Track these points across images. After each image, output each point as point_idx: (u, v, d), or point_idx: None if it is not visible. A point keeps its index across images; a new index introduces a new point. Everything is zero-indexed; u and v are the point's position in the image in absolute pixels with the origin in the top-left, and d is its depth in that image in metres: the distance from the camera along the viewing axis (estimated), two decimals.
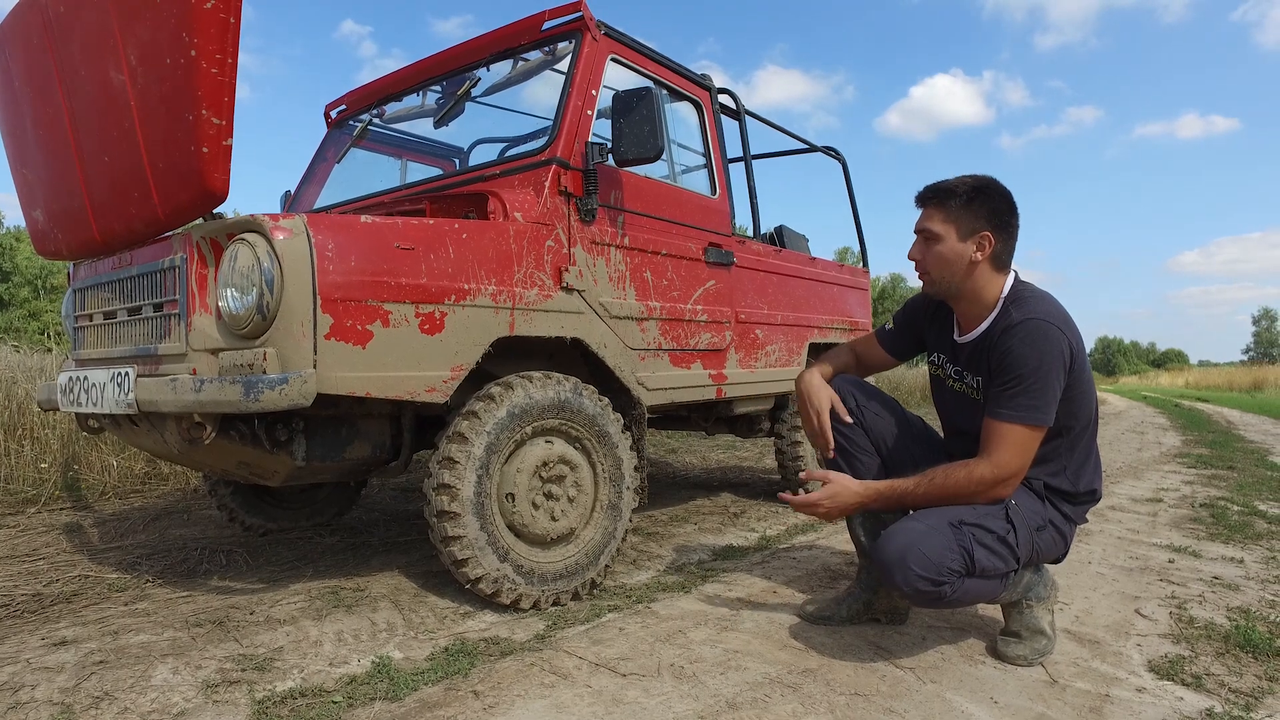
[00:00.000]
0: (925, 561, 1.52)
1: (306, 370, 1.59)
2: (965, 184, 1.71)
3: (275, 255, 1.59)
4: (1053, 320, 1.64)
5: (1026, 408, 1.59)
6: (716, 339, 2.75)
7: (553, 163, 2.12)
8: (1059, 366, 1.61)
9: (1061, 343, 1.63)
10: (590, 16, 2.35)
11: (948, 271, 1.73)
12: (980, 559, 1.58)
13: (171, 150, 1.63)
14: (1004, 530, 1.63)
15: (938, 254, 1.73)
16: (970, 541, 1.58)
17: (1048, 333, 1.62)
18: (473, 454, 1.89)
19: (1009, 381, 1.62)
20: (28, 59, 1.97)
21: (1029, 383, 1.60)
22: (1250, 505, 3.91)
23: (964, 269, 1.71)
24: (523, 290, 1.99)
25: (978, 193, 1.69)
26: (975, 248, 1.70)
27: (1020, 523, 1.66)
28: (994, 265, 1.71)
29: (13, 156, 2.25)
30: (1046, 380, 1.60)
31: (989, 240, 1.69)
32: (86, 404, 1.95)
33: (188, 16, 1.51)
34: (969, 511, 1.62)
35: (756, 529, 3.05)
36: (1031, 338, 1.61)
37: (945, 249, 1.71)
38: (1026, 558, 1.68)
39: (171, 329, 1.80)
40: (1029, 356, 1.60)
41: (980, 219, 1.69)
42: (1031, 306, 1.67)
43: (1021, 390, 1.60)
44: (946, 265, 1.72)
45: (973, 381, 1.78)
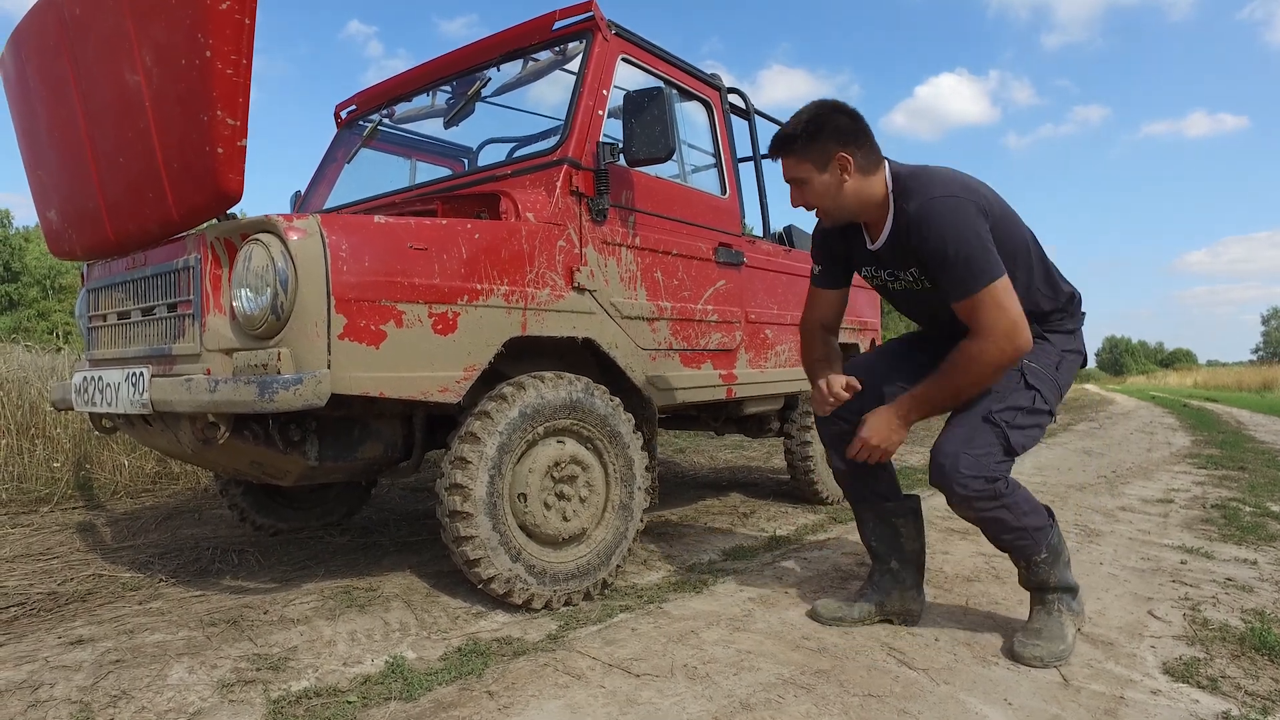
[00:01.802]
0: (972, 463, 1.64)
1: (321, 371, 1.60)
2: (800, 122, 1.75)
3: (289, 255, 1.59)
4: (943, 193, 1.68)
5: (976, 274, 1.63)
6: (727, 339, 2.75)
7: (564, 163, 2.12)
8: (976, 226, 1.64)
9: (963, 206, 1.66)
10: (601, 16, 2.35)
11: (830, 202, 1.79)
12: (1016, 440, 1.69)
13: (186, 151, 1.64)
14: (1029, 399, 1.72)
15: (812, 192, 1.79)
16: (1003, 427, 1.68)
17: (944, 209, 1.66)
18: (485, 454, 1.90)
19: (944, 265, 1.66)
20: (43, 61, 1.98)
21: (961, 256, 1.63)
22: (1262, 506, 3.89)
23: (840, 192, 1.76)
24: (535, 290, 1.99)
25: (814, 124, 1.74)
26: (839, 170, 1.75)
27: (1040, 380, 1.75)
28: (864, 174, 1.76)
29: (28, 158, 2.26)
30: (971, 245, 1.63)
31: (847, 160, 1.73)
32: (101, 404, 1.96)
33: (203, 17, 1.52)
34: (994, 399, 1.70)
35: (766, 529, 3.05)
36: (933, 222, 1.66)
37: (814, 185, 1.78)
38: (1060, 398, 1.79)
39: (186, 329, 1.80)
40: (945, 237, 1.64)
41: (829, 144, 1.74)
42: (917, 191, 1.72)
43: (960, 265, 1.64)
44: (825, 198, 1.78)
45: (908, 275, 1.82)
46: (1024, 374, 1.75)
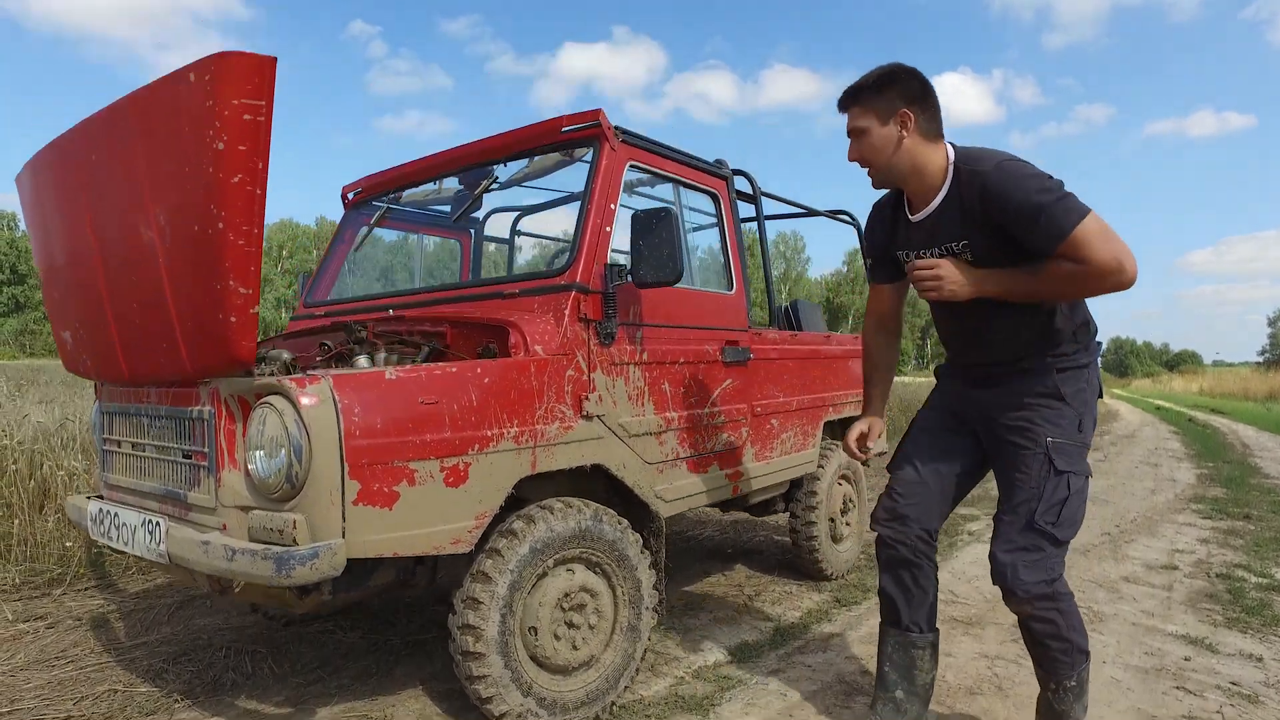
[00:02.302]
0: (1029, 569, 1.75)
1: (336, 541, 1.62)
2: (872, 75, 1.80)
3: (303, 424, 1.62)
4: (1014, 159, 1.72)
5: (1071, 210, 1.61)
6: (734, 437, 2.77)
7: (572, 289, 2.14)
8: (1052, 178, 1.66)
9: (1036, 168, 1.68)
10: (608, 125, 2.36)
11: (883, 157, 1.81)
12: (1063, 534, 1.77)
13: (200, 314, 1.66)
14: (1064, 488, 1.76)
15: (869, 144, 1.81)
16: (1048, 529, 1.76)
17: (1021, 166, 1.69)
18: (497, 593, 1.92)
19: (1037, 210, 1.63)
20: (60, 194, 2.01)
21: (1053, 195, 1.63)
22: (1268, 574, 3.89)
23: (895, 148, 1.79)
24: (544, 426, 2.01)
25: (886, 78, 1.79)
26: (899, 126, 1.78)
27: (1068, 457, 1.78)
28: (925, 136, 1.79)
29: (44, 274, 2.29)
30: (1059, 184, 1.65)
31: (910, 116, 1.77)
32: (118, 542, 1.99)
33: (216, 190, 1.54)
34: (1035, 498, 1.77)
35: (772, 616, 3.06)
36: (1018, 170, 1.68)
37: (874, 137, 1.80)
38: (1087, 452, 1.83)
39: (200, 479, 1.83)
40: (1032, 181, 1.65)
41: (895, 99, 1.77)
42: (987, 158, 1.74)
43: (1055, 203, 1.62)
44: (879, 152, 1.81)
45: (945, 249, 1.82)
46: (1051, 460, 1.78)
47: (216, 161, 1.50)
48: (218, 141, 1.49)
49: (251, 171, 1.52)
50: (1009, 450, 1.86)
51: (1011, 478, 1.85)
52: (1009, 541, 1.78)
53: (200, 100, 1.49)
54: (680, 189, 2.75)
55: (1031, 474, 1.79)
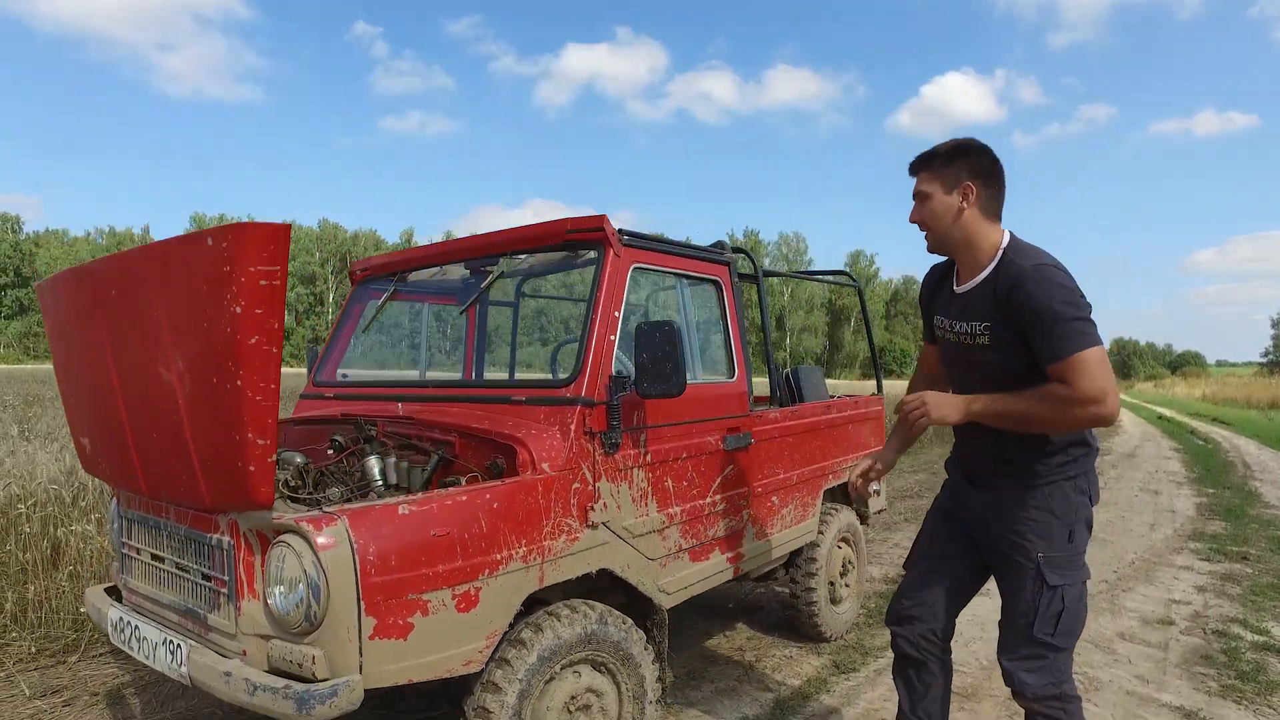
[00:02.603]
0: (1037, 679, 1.86)
1: (354, 677, 1.68)
2: (946, 145, 1.92)
3: (320, 565, 1.68)
4: (1057, 264, 1.80)
5: (1081, 334, 1.70)
6: (734, 521, 2.82)
7: (578, 403, 2.19)
8: (1082, 298, 1.75)
9: (1073, 281, 1.77)
10: (612, 232, 2.42)
11: (941, 223, 1.92)
12: (1063, 642, 1.85)
13: (219, 456, 1.72)
14: (1059, 601, 1.85)
15: (930, 209, 1.92)
16: (1049, 640, 1.85)
17: (1058, 275, 1.76)
18: (506, 702, 1.98)
19: (1054, 319, 1.71)
20: (81, 320, 2.07)
21: (1073, 313, 1.71)
22: (1264, 630, 3.95)
23: (954, 217, 1.89)
24: (551, 542, 2.07)
25: (957, 150, 1.90)
26: (961, 197, 1.88)
27: (1059, 570, 1.86)
28: (984, 213, 1.88)
29: (62, 383, 2.35)
30: (1081, 309, 1.72)
31: (972, 189, 1.87)
32: (138, 654, 2.05)
33: (234, 350, 1.60)
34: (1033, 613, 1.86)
35: (771, 685, 3.12)
36: (1054, 278, 1.75)
37: (935, 203, 1.91)
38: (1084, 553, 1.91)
39: (220, 604, 1.89)
40: (1061, 292, 1.72)
41: (962, 171, 1.88)
42: (1038, 254, 1.82)
43: (1071, 321, 1.70)
44: (939, 218, 1.92)
45: (970, 327, 1.91)
46: (1044, 576, 1.86)
47: (235, 323, 1.56)
48: (235, 305, 1.55)
49: (268, 332, 1.58)
50: (1003, 562, 1.95)
51: (1008, 588, 1.94)
52: (1013, 650, 1.90)
53: (218, 265, 1.56)
54: (683, 281, 2.80)
55: (1026, 589, 1.88)
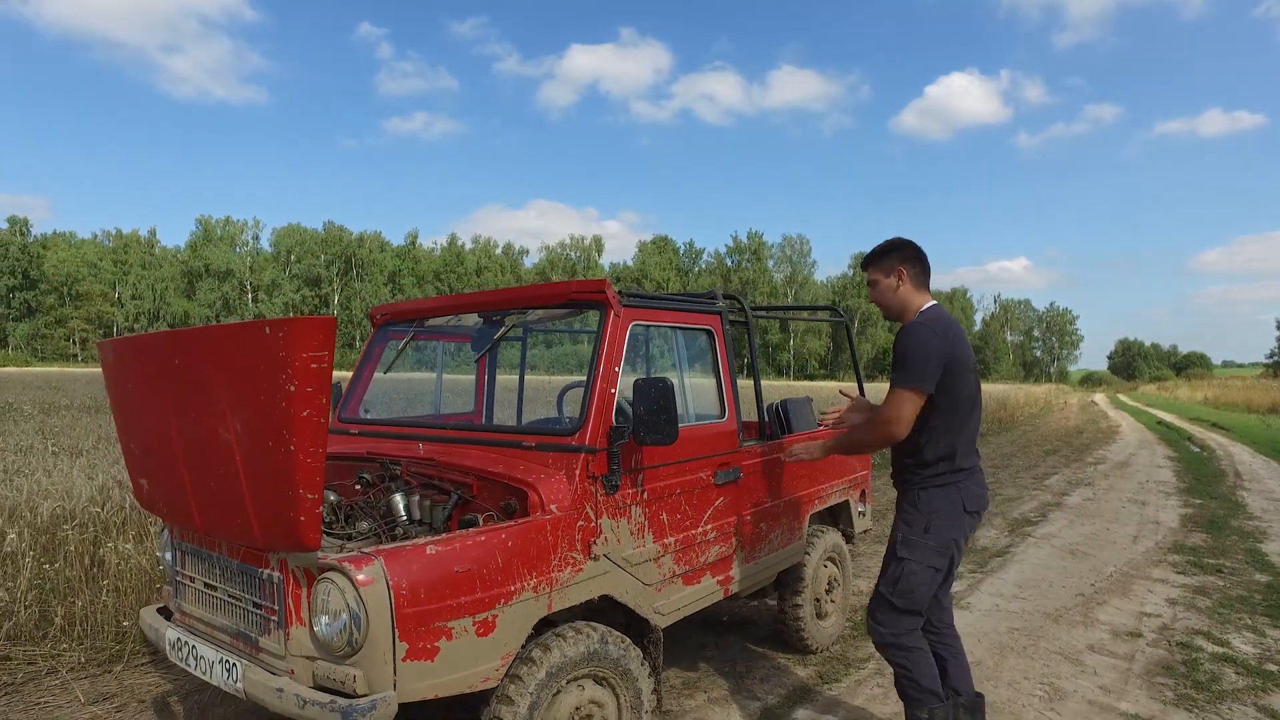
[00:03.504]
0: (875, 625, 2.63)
1: (389, 693, 1.97)
2: (879, 246, 2.73)
3: (360, 599, 1.96)
4: (927, 322, 2.55)
5: (905, 376, 2.48)
6: (724, 548, 3.10)
7: (581, 450, 2.48)
8: (928, 348, 2.48)
9: (929, 335, 2.51)
10: (613, 295, 2.70)
11: (885, 299, 2.71)
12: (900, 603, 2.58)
13: (271, 507, 2.00)
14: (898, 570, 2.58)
15: (879, 291, 2.72)
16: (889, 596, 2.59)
17: (921, 330, 2.53)
18: (519, 713, 2.27)
19: (894, 362, 2.55)
20: (144, 382, 2.36)
21: (903, 360, 2.50)
22: (1225, 641, 4.21)
23: (894, 294, 2.68)
24: (558, 574, 2.36)
25: (888, 247, 2.71)
26: (896, 279, 2.67)
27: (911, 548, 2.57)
28: (914, 285, 2.67)
29: (120, 424, 2.64)
30: (916, 359, 2.47)
31: (902, 271, 2.66)
32: (195, 670, 2.34)
33: (289, 421, 1.88)
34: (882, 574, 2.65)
35: (760, 695, 3.40)
36: (910, 332, 2.54)
37: (882, 286, 2.70)
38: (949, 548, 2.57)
39: (270, 629, 2.18)
40: (905, 343, 2.52)
41: (893, 260, 2.67)
42: (923, 315, 2.60)
43: (899, 365, 2.51)
44: (884, 295, 2.70)
45: None
46: (896, 550, 2.62)
47: (289, 399, 1.85)
48: (290, 385, 1.83)
49: (317, 406, 1.86)
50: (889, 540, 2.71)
51: (884, 562, 2.70)
52: (872, 606, 2.68)
53: (275, 351, 1.84)
54: (678, 331, 3.09)
55: (887, 556, 2.67)
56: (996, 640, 4.13)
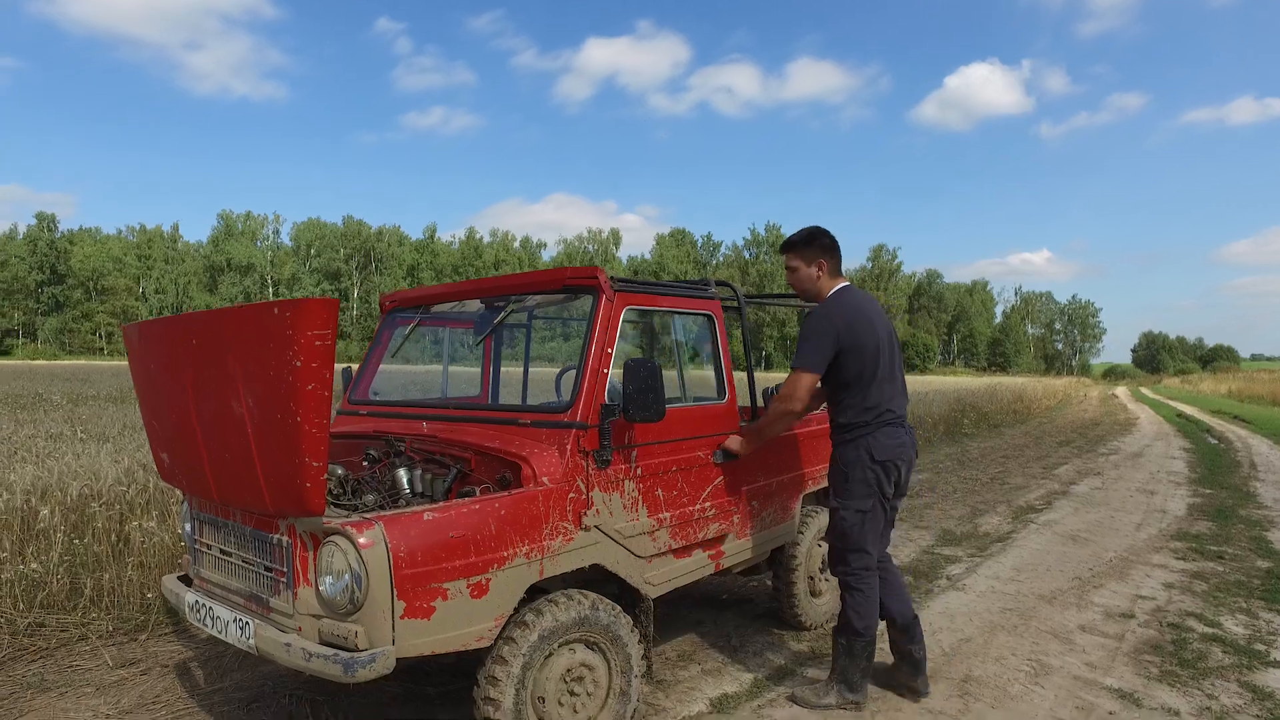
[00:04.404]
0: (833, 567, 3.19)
1: (388, 647, 2.12)
2: (802, 233, 3.11)
3: (362, 560, 2.11)
4: (827, 310, 2.99)
5: (804, 354, 2.95)
6: (723, 526, 3.22)
7: (573, 426, 2.61)
8: (821, 333, 2.94)
9: (823, 321, 2.95)
10: (605, 280, 2.83)
11: (805, 286, 3.14)
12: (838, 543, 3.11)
13: (280, 474, 2.16)
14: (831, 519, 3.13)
15: (799, 277, 3.13)
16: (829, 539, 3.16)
17: (819, 320, 2.97)
18: (512, 672, 2.41)
19: (799, 341, 2.98)
20: (165, 359, 2.52)
21: (800, 345, 2.97)
22: (1216, 623, 4.27)
23: (813, 282, 3.10)
24: (550, 541, 2.50)
25: (810, 236, 3.10)
26: (817, 270, 3.09)
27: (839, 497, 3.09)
28: (830, 274, 3.10)
29: (144, 403, 2.81)
30: (808, 341, 2.94)
31: (823, 263, 3.09)
32: (212, 629, 2.51)
33: (296, 394, 2.03)
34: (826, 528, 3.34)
35: (752, 669, 3.53)
36: (809, 321, 2.98)
37: (802, 274, 3.11)
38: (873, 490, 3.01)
39: (280, 590, 2.34)
40: (804, 330, 2.97)
41: (815, 251, 3.08)
42: (830, 301, 3.04)
43: (797, 349, 2.97)
44: (804, 281, 3.13)
45: None
46: (830, 501, 3.16)
47: (295, 374, 2.00)
48: (296, 360, 1.98)
49: (321, 380, 2.01)
50: None
51: None
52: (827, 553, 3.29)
53: (282, 330, 1.99)
54: (675, 317, 3.21)
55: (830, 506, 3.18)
56: (988, 619, 4.22)
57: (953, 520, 6.90)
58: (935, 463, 10.64)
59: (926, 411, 14.48)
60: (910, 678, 3.22)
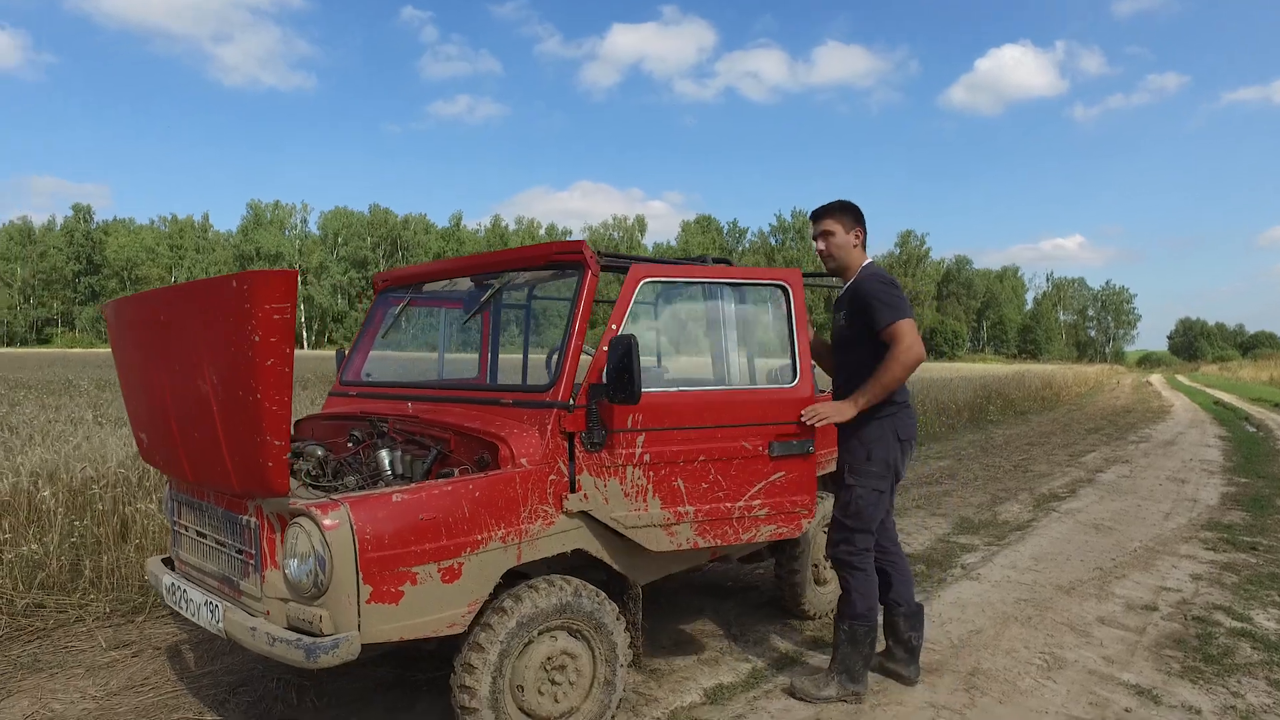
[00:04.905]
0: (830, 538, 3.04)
1: (352, 633, 2.05)
2: (840, 201, 3.00)
3: (326, 543, 2.04)
4: (885, 276, 2.90)
5: (898, 310, 2.79)
6: (779, 528, 2.89)
7: (554, 406, 2.51)
8: (900, 297, 2.84)
9: (894, 288, 2.86)
10: (590, 254, 2.71)
11: (840, 252, 2.99)
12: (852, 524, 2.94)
13: (244, 454, 2.09)
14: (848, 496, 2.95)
15: (835, 242, 2.98)
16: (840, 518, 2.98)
17: (889, 277, 2.91)
18: (489, 660, 2.33)
19: (877, 304, 2.81)
20: (139, 337, 2.47)
21: (888, 298, 2.81)
22: (1246, 617, 4.07)
23: (848, 250, 2.98)
24: (528, 525, 2.40)
25: (848, 205, 3.01)
26: (855, 238, 2.98)
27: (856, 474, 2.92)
28: (860, 248, 3.00)
29: (123, 383, 2.77)
30: (901, 297, 2.83)
31: (861, 233, 3.00)
32: (185, 612, 2.46)
33: (255, 370, 1.95)
34: (838, 505, 3.04)
35: (751, 658, 3.42)
36: (878, 277, 2.90)
37: (838, 238, 2.98)
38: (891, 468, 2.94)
39: (249, 573, 2.28)
40: (885, 289, 2.84)
41: (852, 219, 2.99)
42: (870, 269, 2.97)
43: (891, 304, 2.79)
44: (840, 249, 2.98)
45: (842, 317, 3.04)
46: (844, 476, 2.99)
47: (255, 349, 1.92)
48: (255, 335, 1.90)
49: (280, 356, 1.93)
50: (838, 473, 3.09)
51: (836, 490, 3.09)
52: (829, 529, 3.08)
53: (240, 303, 1.91)
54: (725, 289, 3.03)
55: (837, 486, 3.06)
56: (1001, 610, 4.06)
57: (972, 508, 6.72)
58: (958, 449, 10.41)
59: (951, 398, 14.20)
60: (904, 665, 3.13)
